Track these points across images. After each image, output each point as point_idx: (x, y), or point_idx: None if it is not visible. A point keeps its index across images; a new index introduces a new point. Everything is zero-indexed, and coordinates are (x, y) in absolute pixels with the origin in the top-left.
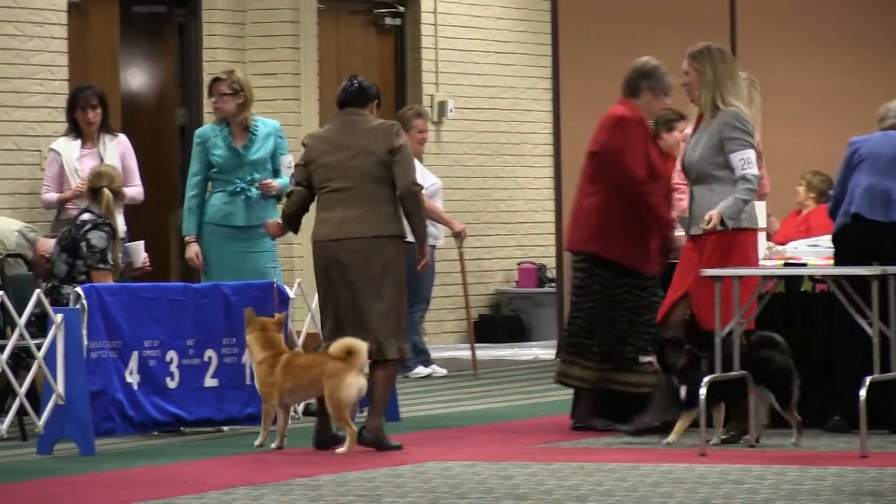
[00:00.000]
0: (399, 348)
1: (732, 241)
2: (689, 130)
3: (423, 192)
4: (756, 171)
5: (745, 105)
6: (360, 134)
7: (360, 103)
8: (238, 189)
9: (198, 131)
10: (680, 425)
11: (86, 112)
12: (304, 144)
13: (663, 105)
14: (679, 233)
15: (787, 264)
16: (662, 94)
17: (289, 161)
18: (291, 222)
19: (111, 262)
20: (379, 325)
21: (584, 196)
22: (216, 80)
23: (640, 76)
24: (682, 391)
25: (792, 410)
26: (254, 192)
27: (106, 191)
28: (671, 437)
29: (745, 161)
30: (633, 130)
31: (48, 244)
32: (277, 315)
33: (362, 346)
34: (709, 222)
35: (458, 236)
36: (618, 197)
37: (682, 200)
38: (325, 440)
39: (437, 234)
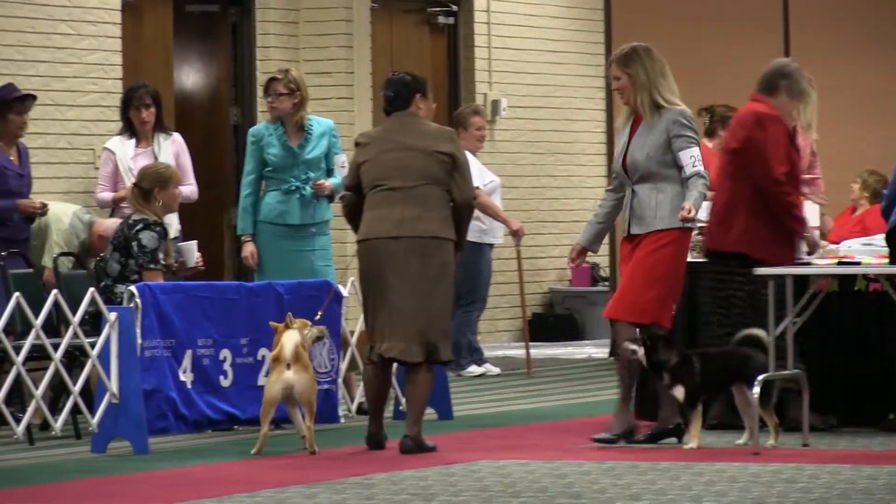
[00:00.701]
0: (449, 351)
1: (683, 239)
2: (623, 133)
3: (483, 188)
4: (704, 169)
5: (680, 100)
6: (418, 135)
7: (404, 106)
8: (293, 188)
9: (251, 130)
10: (694, 428)
11: (139, 111)
12: (357, 144)
13: (795, 107)
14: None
15: (840, 263)
16: (797, 97)
17: (342, 161)
18: (352, 222)
19: (162, 263)
20: (432, 326)
21: (726, 194)
22: (272, 79)
23: (779, 76)
24: (679, 391)
25: (770, 411)
26: (308, 190)
27: (130, 186)
28: (693, 443)
29: (696, 158)
30: (774, 127)
31: (105, 224)
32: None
33: (287, 338)
34: (689, 211)
35: (516, 235)
36: (761, 195)
37: None
38: (380, 441)
39: (495, 233)
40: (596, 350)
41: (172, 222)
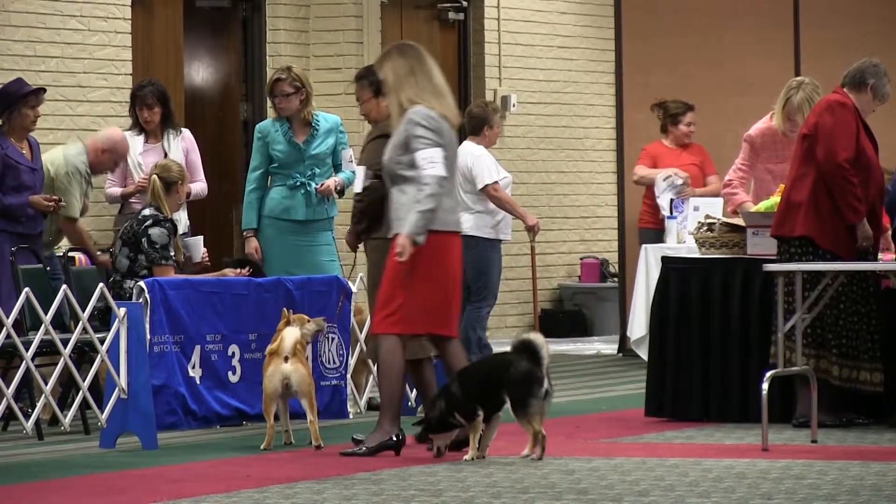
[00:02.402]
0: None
1: (427, 243)
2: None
3: (499, 184)
4: (439, 172)
5: (434, 98)
6: None
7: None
8: (298, 183)
9: (259, 126)
10: (472, 440)
11: (143, 111)
12: None
13: (876, 106)
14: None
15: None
16: (880, 99)
17: (349, 155)
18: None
19: (173, 258)
20: None
21: (793, 180)
22: (277, 80)
23: (869, 74)
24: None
25: (530, 420)
26: (313, 186)
27: (154, 177)
28: (469, 454)
29: (429, 160)
30: (845, 115)
31: (98, 137)
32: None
33: (288, 333)
34: (399, 253)
35: (532, 230)
36: (825, 180)
37: (735, 195)
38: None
39: (507, 229)
40: (604, 346)
41: (181, 218)
